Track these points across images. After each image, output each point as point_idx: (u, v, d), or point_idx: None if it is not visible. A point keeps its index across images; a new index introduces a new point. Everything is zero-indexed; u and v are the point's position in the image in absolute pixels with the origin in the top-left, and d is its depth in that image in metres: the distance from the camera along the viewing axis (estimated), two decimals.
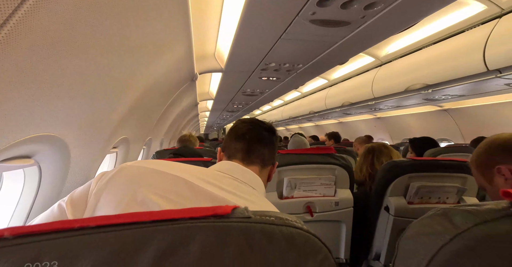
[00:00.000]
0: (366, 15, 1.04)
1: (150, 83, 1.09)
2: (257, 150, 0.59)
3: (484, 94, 2.47)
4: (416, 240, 0.33)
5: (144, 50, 0.83)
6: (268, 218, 0.28)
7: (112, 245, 0.23)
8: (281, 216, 0.29)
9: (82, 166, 0.78)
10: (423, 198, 1.16)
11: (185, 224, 0.25)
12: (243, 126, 0.62)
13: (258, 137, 0.61)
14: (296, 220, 0.30)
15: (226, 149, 0.62)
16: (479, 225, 0.29)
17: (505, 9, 1.68)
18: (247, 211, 0.28)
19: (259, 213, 0.28)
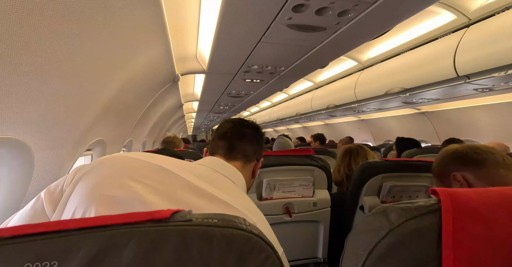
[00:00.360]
0: (340, 21, 1.08)
1: (125, 83, 1.07)
2: (238, 146, 0.61)
3: (457, 98, 2.62)
4: (359, 237, 0.36)
5: (115, 50, 0.82)
6: (210, 220, 0.28)
7: (31, 255, 0.22)
8: (227, 218, 0.30)
9: (49, 170, 0.76)
10: (395, 197, 1.21)
11: (118, 230, 0.25)
12: (226, 125, 0.66)
13: (239, 134, 0.64)
14: (243, 222, 0.30)
15: (210, 147, 0.65)
16: (409, 220, 0.31)
17: (472, 19, 1.80)
18: (189, 214, 0.28)
19: (202, 216, 0.29)
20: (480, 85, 2.00)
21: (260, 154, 0.68)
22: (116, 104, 1.18)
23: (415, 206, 0.32)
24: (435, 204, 0.31)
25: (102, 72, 0.84)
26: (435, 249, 0.30)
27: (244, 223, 0.30)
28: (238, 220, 0.30)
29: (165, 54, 1.21)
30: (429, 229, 0.30)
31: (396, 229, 0.31)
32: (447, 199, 0.30)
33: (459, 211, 0.29)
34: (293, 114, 4.75)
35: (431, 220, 0.30)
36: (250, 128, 0.66)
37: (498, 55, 1.58)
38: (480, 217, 0.29)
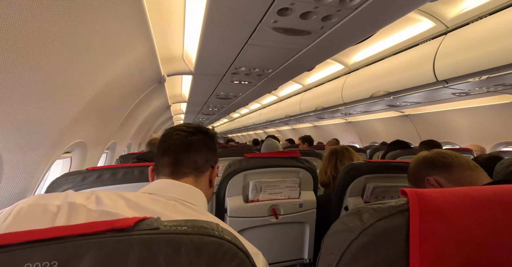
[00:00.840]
0: (325, 26, 1.10)
1: (107, 84, 1.04)
2: (186, 159, 0.54)
3: (438, 102, 2.74)
4: (334, 237, 0.36)
5: (96, 50, 0.79)
6: (180, 227, 0.27)
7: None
8: (199, 224, 0.29)
9: (20, 174, 0.71)
10: (378, 198, 1.24)
11: (73, 241, 0.23)
12: (168, 137, 0.56)
13: (184, 145, 0.55)
14: (216, 228, 0.29)
15: (155, 166, 0.56)
16: (380, 220, 0.32)
17: (450, 27, 1.89)
18: (157, 222, 0.27)
19: (172, 223, 0.28)
20: (458, 90, 2.10)
21: (214, 160, 0.60)
22: (98, 104, 1.14)
23: (386, 206, 0.33)
24: (404, 204, 0.32)
25: (81, 71, 0.81)
26: (404, 248, 0.31)
27: (217, 229, 0.29)
28: (210, 226, 0.29)
29: (149, 54, 1.19)
30: (398, 228, 0.31)
31: (367, 229, 0.32)
32: (414, 199, 0.31)
33: (425, 210, 0.31)
34: (282, 116, 4.79)
35: (400, 220, 0.31)
36: (197, 134, 0.57)
37: (473, 62, 1.67)
38: (444, 216, 0.30)
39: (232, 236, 0.29)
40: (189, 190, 0.51)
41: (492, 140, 2.68)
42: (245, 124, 7.49)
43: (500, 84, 1.92)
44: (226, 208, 1.22)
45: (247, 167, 1.23)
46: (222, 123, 11.27)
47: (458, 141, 3.07)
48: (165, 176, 0.53)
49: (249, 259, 0.29)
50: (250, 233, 1.23)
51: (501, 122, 2.56)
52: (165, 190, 0.48)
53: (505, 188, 0.33)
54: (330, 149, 1.55)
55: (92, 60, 0.84)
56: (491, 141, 2.69)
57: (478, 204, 0.31)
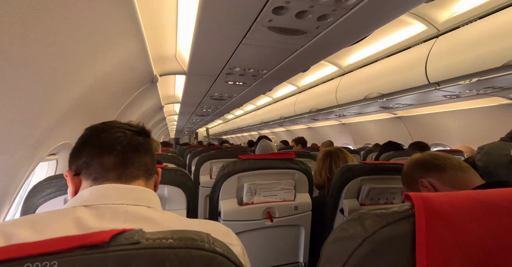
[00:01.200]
0: (320, 26, 1.09)
1: (95, 82, 1.00)
2: (137, 160, 0.46)
3: (429, 104, 2.78)
4: (334, 245, 0.34)
5: (81, 46, 0.75)
6: (164, 240, 0.24)
7: None
8: (186, 236, 0.25)
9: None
10: (373, 199, 1.24)
11: (35, 261, 0.20)
12: (108, 136, 0.45)
13: (133, 144, 0.46)
14: (206, 239, 0.26)
15: (85, 169, 0.44)
16: (383, 227, 0.30)
17: (441, 30, 1.92)
18: (138, 235, 0.23)
19: (155, 236, 0.24)
20: (449, 92, 2.14)
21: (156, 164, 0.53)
22: (86, 104, 1.09)
23: (389, 212, 0.31)
24: (408, 210, 0.30)
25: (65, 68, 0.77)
26: (409, 256, 0.29)
27: (207, 241, 0.26)
28: (200, 237, 0.26)
29: (140, 53, 1.15)
30: (403, 235, 0.29)
31: (371, 237, 0.30)
32: (420, 204, 0.29)
33: (431, 216, 0.29)
34: (277, 118, 4.78)
35: (405, 226, 0.29)
36: (141, 134, 0.49)
37: (464, 64, 1.69)
38: (450, 222, 0.28)
39: (224, 248, 0.26)
40: (145, 193, 0.43)
41: (482, 141, 2.74)
42: (239, 126, 7.46)
43: (489, 87, 1.96)
44: (220, 211, 1.19)
45: (241, 168, 1.20)
46: (217, 124, 11.20)
47: (449, 142, 3.12)
48: (110, 182, 0.43)
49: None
50: (245, 236, 1.20)
51: (490, 124, 2.62)
52: (115, 197, 0.39)
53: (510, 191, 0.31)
54: (324, 151, 1.54)
55: (78, 57, 0.80)
56: (481, 142, 2.74)
57: (484, 208, 0.30)
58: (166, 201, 0.98)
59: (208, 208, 1.26)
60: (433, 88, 1.99)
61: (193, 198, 1.01)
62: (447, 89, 2.02)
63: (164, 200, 0.98)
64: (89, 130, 0.48)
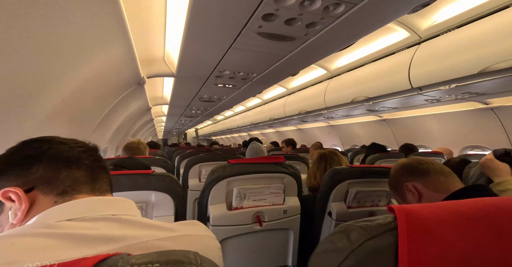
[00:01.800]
0: (309, 33, 1.11)
1: (81, 84, 0.96)
2: (104, 176, 0.45)
3: (412, 107, 2.90)
4: (321, 257, 0.34)
5: (65, 48, 0.72)
6: (150, 265, 0.22)
7: None
8: (173, 258, 0.23)
9: None
10: (360, 202, 1.27)
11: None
12: (70, 149, 0.42)
13: (99, 160, 0.45)
14: (194, 260, 0.24)
15: (45, 184, 0.39)
16: (368, 240, 0.31)
17: (423, 37, 2.01)
18: (122, 261, 0.21)
19: (141, 260, 0.22)
20: (430, 97, 2.24)
21: None
22: (70, 107, 1.04)
23: (374, 224, 0.32)
24: (392, 222, 0.31)
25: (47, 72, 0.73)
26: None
27: (195, 261, 0.24)
28: (188, 258, 0.24)
29: (127, 56, 1.12)
30: (387, 248, 0.30)
31: (356, 250, 0.31)
32: (402, 217, 0.31)
33: (413, 229, 0.30)
34: (267, 119, 4.80)
35: (389, 239, 0.30)
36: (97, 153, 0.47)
37: (444, 71, 1.78)
38: (432, 235, 0.30)
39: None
40: (129, 203, 0.42)
41: (460, 143, 2.89)
42: (229, 127, 7.43)
43: (466, 92, 2.07)
44: (208, 216, 1.18)
45: (230, 173, 1.20)
46: (206, 125, 11.09)
47: (430, 144, 3.26)
48: (84, 194, 0.39)
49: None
50: (234, 241, 1.20)
51: (468, 127, 2.77)
52: (99, 208, 0.36)
53: (486, 202, 0.33)
54: (318, 153, 1.56)
55: (61, 60, 0.76)
56: (459, 144, 2.89)
57: (463, 219, 0.31)
58: (153, 207, 0.96)
59: (197, 213, 1.25)
60: (416, 93, 2.08)
61: (181, 203, 1.00)
62: (428, 94, 2.12)
63: (151, 206, 0.96)
64: (37, 143, 0.42)
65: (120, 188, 0.90)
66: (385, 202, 1.31)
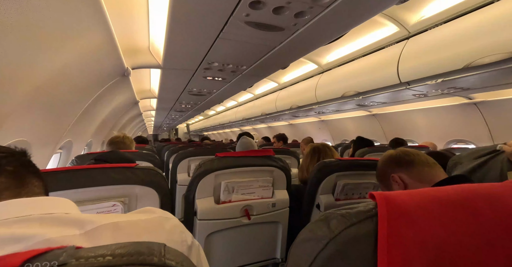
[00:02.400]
0: (298, 23, 1.09)
1: (54, 74, 0.90)
2: (32, 182, 0.41)
3: (400, 102, 2.95)
4: (301, 247, 0.33)
5: (36, 34, 0.67)
6: (100, 259, 0.19)
7: None
8: (132, 250, 0.21)
9: None
10: (348, 194, 1.28)
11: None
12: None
13: (26, 165, 0.42)
14: (157, 252, 0.22)
15: None
16: (348, 228, 0.30)
17: (411, 32, 2.03)
18: (66, 254, 0.19)
19: (92, 253, 0.20)
20: (417, 91, 2.27)
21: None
22: (43, 98, 0.98)
23: (354, 211, 0.31)
24: (372, 209, 0.31)
25: (16, 58, 0.68)
26: (372, 255, 0.29)
27: (158, 253, 0.21)
28: (150, 250, 0.22)
29: (108, 44, 1.06)
30: (367, 235, 0.29)
31: (335, 238, 0.29)
32: (382, 203, 0.30)
33: (393, 215, 0.29)
34: (258, 114, 4.78)
35: (369, 226, 0.29)
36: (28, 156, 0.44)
37: (431, 66, 1.81)
38: (411, 220, 0.29)
39: (179, 259, 0.23)
40: (61, 201, 0.38)
41: (445, 137, 2.98)
42: (221, 122, 7.36)
43: (452, 87, 2.12)
44: (196, 210, 1.16)
45: (218, 166, 1.18)
46: (197, 120, 10.95)
47: (417, 138, 3.35)
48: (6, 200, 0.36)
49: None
50: (221, 235, 1.19)
51: (453, 122, 2.85)
52: (14, 211, 0.32)
53: (465, 188, 0.33)
54: (311, 146, 1.56)
55: (33, 45, 0.71)
56: (444, 138, 2.98)
57: (441, 205, 0.31)
58: (136, 202, 0.93)
59: (184, 208, 1.22)
60: (404, 88, 2.11)
61: (166, 197, 0.97)
62: (416, 89, 2.15)
63: (135, 201, 0.93)
64: None
65: (100, 183, 0.87)
66: None
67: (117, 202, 0.88)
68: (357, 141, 2.39)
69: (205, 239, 1.15)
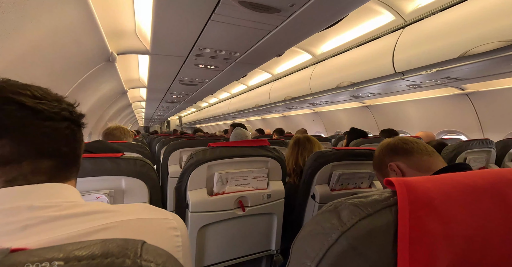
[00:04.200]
0: (295, 3, 1.02)
1: (26, 51, 0.79)
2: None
3: (394, 93, 2.95)
4: (307, 242, 0.29)
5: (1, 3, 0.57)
6: (46, 264, 0.14)
7: None
8: (98, 251, 0.16)
9: None
10: (343, 185, 1.27)
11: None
12: None
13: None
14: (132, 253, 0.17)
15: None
16: (362, 219, 0.25)
17: (408, 21, 1.99)
18: (4, 259, 0.14)
19: (32, 257, 0.15)
20: (411, 82, 2.26)
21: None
22: (16, 79, 0.89)
23: (369, 201, 0.27)
24: (390, 198, 0.26)
25: None
26: (391, 250, 0.25)
27: (132, 254, 0.17)
28: (121, 249, 0.17)
29: (87, 22, 0.96)
30: (385, 227, 0.25)
31: (348, 232, 0.25)
32: (403, 190, 0.25)
33: (415, 204, 0.25)
34: (252, 106, 4.70)
35: (387, 217, 0.25)
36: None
37: (426, 55, 1.78)
38: (437, 210, 0.25)
39: (161, 260, 0.18)
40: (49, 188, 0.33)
41: (436, 128, 3.02)
42: (214, 114, 7.24)
43: (446, 77, 2.11)
44: (187, 202, 1.11)
45: (211, 157, 1.12)
46: (190, 113, 10.75)
47: (410, 129, 3.38)
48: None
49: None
50: (215, 228, 1.15)
51: (445, 112, 2.88)
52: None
53: (491, 173, 0.29)
54: (294, 138, 1.53)
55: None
56: (435, 129, 3.02)
57: (468, 192, 0.27)
58: (123, 194, 0.87)
59: (175, 200, 1.17)
60: (399, 78, 2.08)
61: (156, 189, 0.92)
62: (410, 79, 2.13)
63: (121, 193, 0.87)
64: None
65: (83, 174, 0.80)
66: (367, 183, 1.32)
67: (102, 194, 0.82)
68: (351, 132, 2.38)
69: (197, 232, 1.11)
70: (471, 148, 1.60)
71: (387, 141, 0.86)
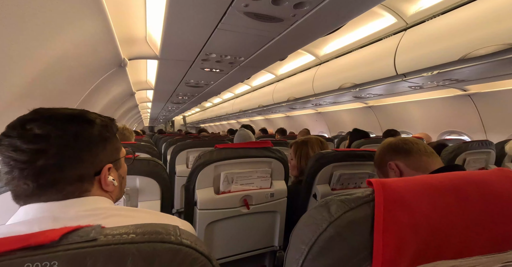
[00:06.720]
0: (297, 14, 1.08)
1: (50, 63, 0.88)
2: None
3: (396, 94, 2.98)
4: (302, 231, 0.35)
5: (31, 23, 0.65)
6: (125, 236, 0.22)
7: None
8: (151, 229, 0.24)
9: None
10: (343, 184, 1.32)
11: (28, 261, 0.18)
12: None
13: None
14: (173, 232, 0.25)
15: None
16: (347, 212, 0.32)
17: (409, 23, 2.02)
18: (95, 231, 0.22)
19: (116, 231, 0.23)
20: (413, 83, 2.29)
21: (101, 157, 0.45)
22: (42, 87, 0.97)
23: (353, 197, 0.33)
24: (369, 195, 0.33)
25: (11, 50, 0.67)
26: (369, 237, 0.31)
27: (174, 233, 0.25)
28: (166, 230, 0.25)
29: (104, 33, 1.04)
30: (364, 219, 0.31)
31: (335, 222, 0.32)
32: (379, 189, 0.32)
33: (389, 200, 0.31)
34: (255, 106, 4.76)
35: (366, 210, 0.32)
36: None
37: (427, 58, 1.82)
38: (406, 205, 0.31)
39: (192, 239, 0.26)
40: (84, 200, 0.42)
41: (439, 129, 3.04)
42: (218, 114, 7.32)
43: (447, 79, 2.14)
44: (196, 201, 1.18)
45: (218, 158, 1.19)
46: (194, 112, 10.86)
47: (412, 130, 3.40)
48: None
49: (212, 263, 0.27)
50: (221, 224, 1.22)
51: (447, 113, 2.89)
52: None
53: (459, 175, 0.35)
54: (298, 141, 1.56)
55: (28, 34, 0.69)
56: (438, 130, 3.04)
57: (434, 191, 0.33)
58: (138, 192, 0.95)
59: (184, 198, 1.25)
60: (400, 79, 2.12)
61: (167, 188, 0.99)
62: (412, 81, 2.17)
63: (136, 191, 0.94)
64: None
65: None
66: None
67: None
68: (353, 132, 2.42)
69: (205, 228, 1.18)
70: (470, 149, 1.63)
71: (389, 141, 0.90)
